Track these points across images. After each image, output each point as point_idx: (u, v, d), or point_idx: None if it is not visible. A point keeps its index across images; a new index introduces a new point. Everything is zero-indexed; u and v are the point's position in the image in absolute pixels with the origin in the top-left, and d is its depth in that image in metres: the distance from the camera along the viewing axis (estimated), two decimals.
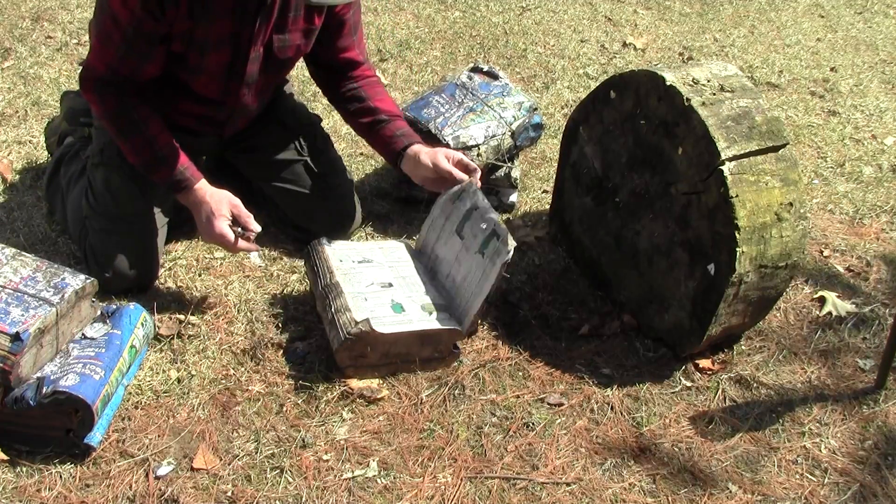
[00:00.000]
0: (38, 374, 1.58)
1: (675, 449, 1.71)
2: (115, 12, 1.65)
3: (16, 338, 1.51)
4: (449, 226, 1.99)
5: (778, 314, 2.07)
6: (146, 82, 1.84)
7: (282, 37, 1.89)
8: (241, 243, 1.83)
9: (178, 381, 1.77)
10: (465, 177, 1.94)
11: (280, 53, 1.93)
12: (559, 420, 1.75)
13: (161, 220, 2.02)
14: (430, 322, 1.81)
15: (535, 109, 2.42)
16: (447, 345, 1.83)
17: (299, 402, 1.74)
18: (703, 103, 1.75)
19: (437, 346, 1.82)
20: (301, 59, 2.06)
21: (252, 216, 1.86)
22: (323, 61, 2.07)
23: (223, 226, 1.80)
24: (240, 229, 1.82)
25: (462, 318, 1.84)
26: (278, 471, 1.60)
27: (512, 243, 1.80)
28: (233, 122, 2.06)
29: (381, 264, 1.97)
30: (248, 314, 1.95)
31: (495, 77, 2.48)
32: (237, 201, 1.86)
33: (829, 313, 2.08)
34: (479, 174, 1.95)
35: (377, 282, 1.89)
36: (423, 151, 1.97)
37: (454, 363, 1.86)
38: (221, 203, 1.82)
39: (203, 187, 1.84)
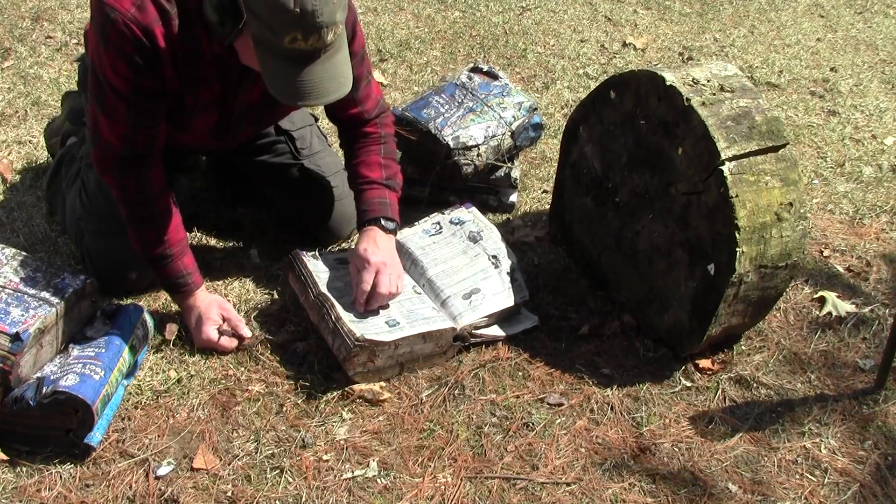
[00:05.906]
0: (38, 374, 1.58)
1: (675, 449, 1.71)
2: (112, 83, 1.64)
3: (16, 338, 1.51)
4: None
5: (778, 314, 2.07)
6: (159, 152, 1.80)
7: (270, 97, 1.87)
8: (224, 340, 1.83)
9: (178, 381, 1.77)
10: None
11: (268, 112, 1.93)
12: (559, 420, 1.75)
13: None
14: (428, 323, 1.81)
15: (535, 109, 2.42)
16: (448, 338, 1.83)
17: (299, 402, 1.74)
18: (703, 103, 1.74)
19: (439, 341, 1.82)
20: None
21: (243, 320, 1.86)
22: (329, 114, 2.01)
23: (211, 331, 1.82)
24: (225, 326, 1.84)
25: (457, 319, 1.86)
26: (278, 471, 1.60)
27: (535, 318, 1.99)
28: (220, 152, 2.06)
29: None
30: (248, 314, 1.95)
31: (495, 77, 2.48)
32: (227, 305, 1.86)
33: (829, 313, 2.08)
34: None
35: None
36: (364, 239, 1.89)
37: (454, 357, 1.86)
38: (211, 308, 1.83)
39: (198, 295, 1.84)
